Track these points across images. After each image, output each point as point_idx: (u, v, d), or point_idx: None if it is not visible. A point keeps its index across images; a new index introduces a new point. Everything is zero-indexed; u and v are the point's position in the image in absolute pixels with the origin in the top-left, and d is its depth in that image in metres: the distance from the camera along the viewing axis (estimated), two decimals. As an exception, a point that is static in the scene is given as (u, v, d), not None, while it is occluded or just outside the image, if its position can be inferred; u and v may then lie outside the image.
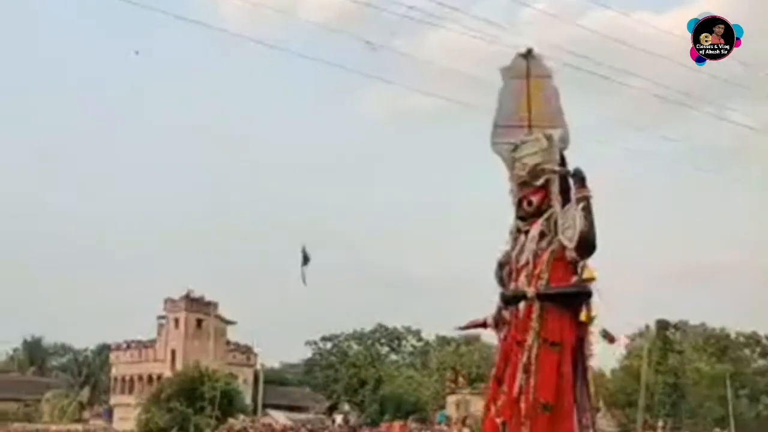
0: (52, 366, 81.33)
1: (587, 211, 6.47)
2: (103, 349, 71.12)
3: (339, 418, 46.72)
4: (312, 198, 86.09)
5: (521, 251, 6.71)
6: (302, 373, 72.55)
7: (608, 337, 6.68)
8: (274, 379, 62.21)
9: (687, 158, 62.52)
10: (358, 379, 57.73)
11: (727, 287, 74.83)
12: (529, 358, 6.40)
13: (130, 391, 61.62)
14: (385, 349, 69.29)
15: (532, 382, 6.35)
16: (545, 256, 6.56)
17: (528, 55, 7.18)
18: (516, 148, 6.90)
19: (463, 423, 32.26)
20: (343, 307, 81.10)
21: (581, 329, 6.53)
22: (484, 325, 7.05)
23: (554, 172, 6.70)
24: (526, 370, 6.39)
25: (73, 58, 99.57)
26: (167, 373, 55.86)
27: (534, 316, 6.47)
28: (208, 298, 61.27)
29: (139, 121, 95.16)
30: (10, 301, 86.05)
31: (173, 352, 60.46)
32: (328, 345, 70.24)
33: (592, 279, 6.42)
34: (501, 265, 6.87)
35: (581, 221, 6.43)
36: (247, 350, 63.38)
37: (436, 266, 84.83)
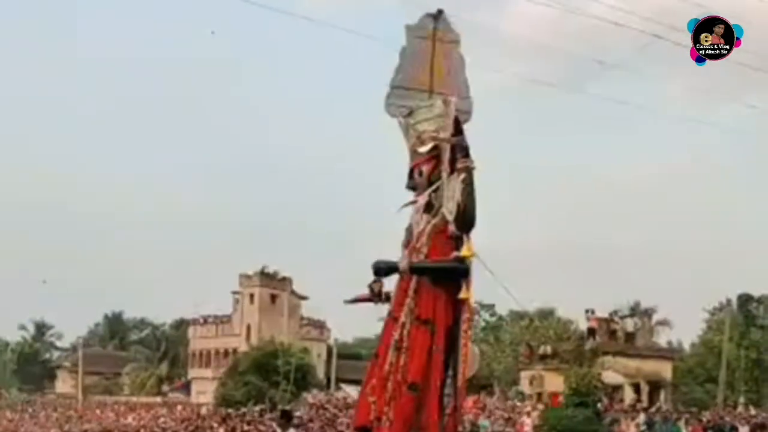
0: (131, 340, 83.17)
1: (467, 183, 5.97)
2: (181, 324, 72.36)
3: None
4: (387, 176, 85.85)
5: (413, 224, 6.28)
6: (375, 347, 72.65)
7: None
8: (347, 354, 62.52)
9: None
10: (431, 353, 57.70)
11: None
12: (401, 335, 6.00)
13: (207, 365, 62.64)
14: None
15: (401, 360, 5.96)
16: (427, 228, 6.12)
17: (437, 16, 6.60)
18: (411, 113, 6.40)
19: (539, 399, 31.83)
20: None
21: (458, 308, 6.05)
22: (371, 299, 6.47)
23: (442, 140, 6.18)
24: (398, 348, 5.99)
25: (155, 36, 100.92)
26: (243, 347, 56.61)
27: (410, 291, 6.04)
28: (282, 274, 61.90)
29: (215, 99, 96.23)
30: (93, 277, 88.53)
31: (249, 327, 61.21)
32: (401, 319, 70.32)
33: (470, 256, 5.94)
34: (405, 245, 6.33)
35: (460, 194, 5.95)
36: (321, 325, 63.80)
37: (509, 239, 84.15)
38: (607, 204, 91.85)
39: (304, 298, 62.02)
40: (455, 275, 6.01)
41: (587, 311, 38.85)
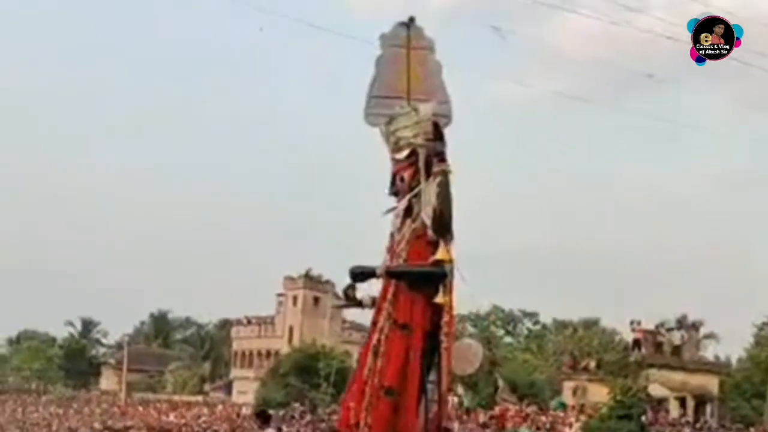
0: (176, 339, 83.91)
1: (443, 187, 6.00)
2: (225, 324, 72.81)
3: (453, 400, 46.46)
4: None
5: (394, 229, 6.28)
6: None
7: None
8: (388, 359, 62.50)
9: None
10: (473, 361, 57.22)
11: None
12: (379, 339, 5.98)
13: (249, 366, 62.95)
14: (500, 332, 68.57)
15: (378, 365, 5.91)
16: (407, 233, 6.13)
17: (409, 24, 6.63)
18: (390, 121, 6.42)
19: (581, 411, 31.41)
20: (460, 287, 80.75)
21: (437, 313, 5.99)
22: (349, 305, 6.49)
23: (418, 145, 6.19)
24: (375, 352, 5.95)
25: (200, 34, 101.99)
26: (285, 348, 56.81)
27: (388, 296, 6.04)
28: (326, 276, 62.04)
29: (256, 101, 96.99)
30: (140, 277, 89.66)
31: (291, 329, 61.42)
32: (444, 326, 69.98)
33: (447, 260, 5.91)
34: (388, 250, 6.31)
35: (435, 198, 5.98)
36: (362, 329, 63.67)
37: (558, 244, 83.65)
38: (655, 214, 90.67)
39: (346, 301, 62.10)
40: (432, 279, 5.99)
41: (632, 322, 38.29)
